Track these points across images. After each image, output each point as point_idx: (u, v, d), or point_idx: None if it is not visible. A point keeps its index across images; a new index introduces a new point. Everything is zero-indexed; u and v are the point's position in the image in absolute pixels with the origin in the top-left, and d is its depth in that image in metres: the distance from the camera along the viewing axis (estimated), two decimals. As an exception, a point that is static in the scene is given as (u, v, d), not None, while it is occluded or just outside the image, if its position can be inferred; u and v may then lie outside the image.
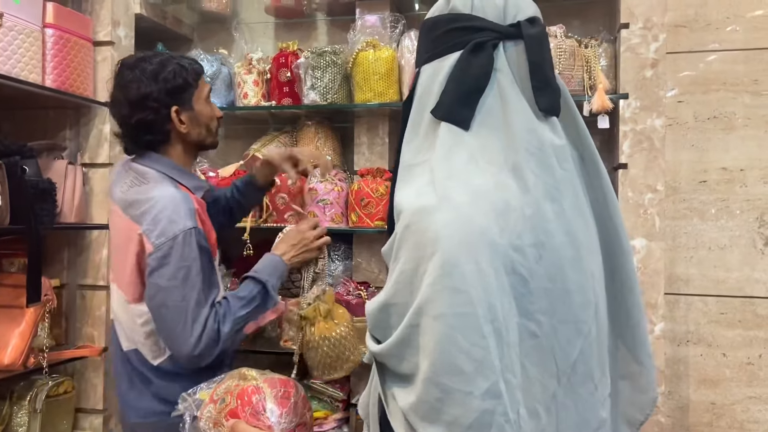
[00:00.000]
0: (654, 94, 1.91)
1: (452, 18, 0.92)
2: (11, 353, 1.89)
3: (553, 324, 0.85)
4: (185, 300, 1.41)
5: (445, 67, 0.91)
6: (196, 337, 1.41)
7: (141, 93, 1.48)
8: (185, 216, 1.43)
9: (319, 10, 2.56)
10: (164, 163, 1.55)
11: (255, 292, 1.53)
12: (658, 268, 1.90)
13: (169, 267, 1.41)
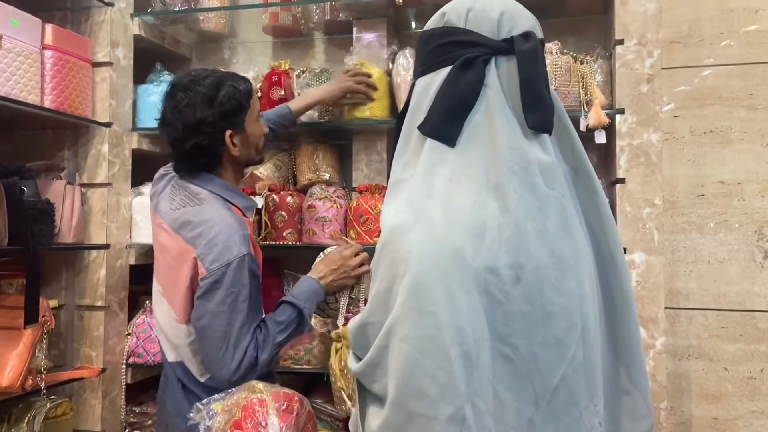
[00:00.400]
0: (650, 109, 1.92)
1: (446, 32, 0.92)
2: (9, 375, 1.88)
3: (532, 348, 0.82)
4: (230, 326, 1.44)
5: (436, 81, 0.90)
6: (237, 363, 1.44)
7: (196, 118, 1.49)
8: (239, 242, 1.46)
9: (317, 30, 2.59)
10: (216, 183, 1.57)
11: (293, 317, 1.55)
12: (657, 283, 1.90)
13: (219, 292, 1.44)
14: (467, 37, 0.89)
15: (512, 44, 0.88)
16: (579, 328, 0.85)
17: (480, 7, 0.91)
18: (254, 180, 2.33)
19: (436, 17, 0.95)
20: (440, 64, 0.90)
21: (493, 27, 0.90)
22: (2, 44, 1.84)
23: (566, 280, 0.85)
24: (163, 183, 1.66)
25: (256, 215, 2.19)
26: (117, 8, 2.25)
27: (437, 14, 0.95)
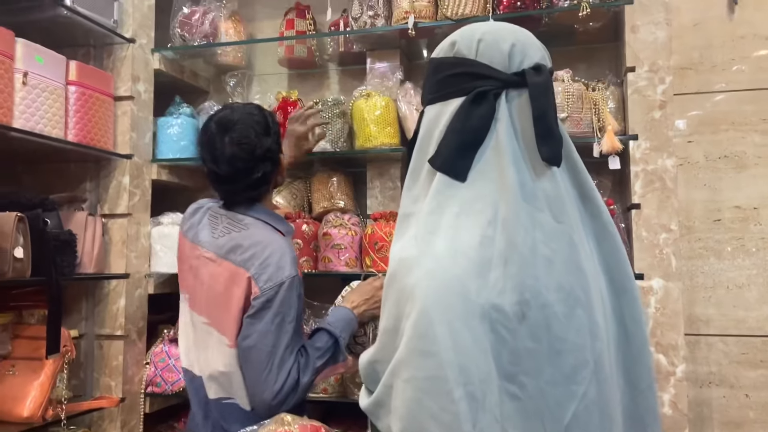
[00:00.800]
0: (663, 134, 1.93)
1: (456, 62, 0.90)
2: (30, 406, 1.90)
3: (540, 386, 0.79)
4: (275, 347, 1.46)
5: (446, 112, 0.89)
6: (280, 385, 1.45)
7: (264, 147, 1.55)
8: (290, 264, 1.50)
9: (331, 61, 2.64)
10: (258, 209, 1.61)
11: (330, 344, 1.57)
12: (677, 309, 1.88)
13: (270, 312, 1.46)
14: (478, 69, 0.88)
15: (523, 77, 0.87)
16: (591, 364, 0.82)
17: (491, 38, 0.89)
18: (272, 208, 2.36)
19: (446, 46, 0.93)
20: (451, 94, 0.89)
21: (504, 59, 0.88)
22: (28, 81, 1.90)
23: (575, 316, 0.82)
24: (198, 215, 1.67)
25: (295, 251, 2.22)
26: (138, 44, 2.32)
27: (447, 42, 0.93)
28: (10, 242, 1.78)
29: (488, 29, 0.91)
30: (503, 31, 0.91)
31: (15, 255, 1.79)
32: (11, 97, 1.85)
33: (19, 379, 1.94)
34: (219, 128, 1.57)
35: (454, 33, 0.93)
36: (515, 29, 0.93)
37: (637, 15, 1.98)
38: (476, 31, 0.90)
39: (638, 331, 0.93)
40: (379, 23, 2.25)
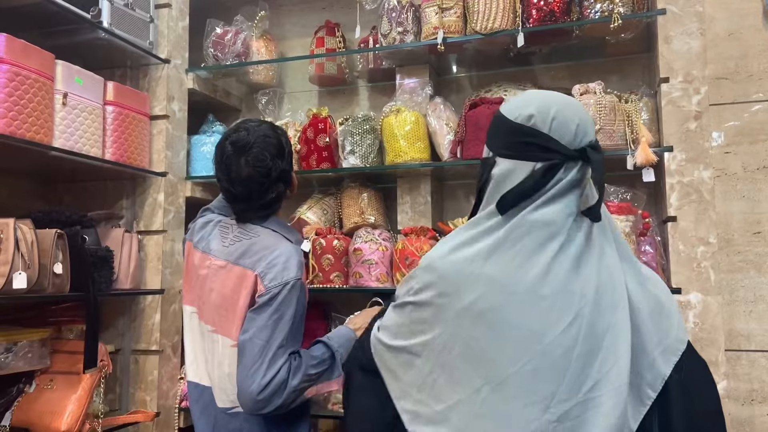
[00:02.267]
0: (699, 146, 1.90)
1: (533, 133, 1.06)
2: (68, 420, 1.93)
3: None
4: (269, 342, 1.48)
5: (520, 170, 1.06)
6: (268, 379, 1.46)
7: (280, 169, 1.61)
8: (297, 267, 1.55)
9: (361, 78, 2.67)
10: (271, 220, 1.67)
11: (326, 356, 1.58)
12: (716, 324, 1.83)
13: (270, 308, 1.50)
14: (551, 144, 1.04)
15: (585, 154, 1.04)
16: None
17: (562, 117, 1.05)
18: (301, 224, 2.38)
19: (523, 113, 1.07)
20: (525, 157, 1.06)
21: (571, 137, 1.05)
22: (67, 101, 1.96)
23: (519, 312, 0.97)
24: (209, 227, 1.72)
25: (304, 258, 2.23)
26: (173, 64, 2.38)
27: (524, 112, 1.07)
28: (49, 258, 1.83)
29: (560, 106, 1.07)
30: (571, 109, 1.08)
31: (54, 271, 1.84)
32: (51, 118, 1.90)
33: (57, 394, 1.98)
34: (235, 150, 1.61)
35: (530, 101, 1.09)
36: (579, 107, 1.10)
37: (670, 25, 1.95)
38: (551, 107, 1.06)
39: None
40: (408, 39, 2.27)
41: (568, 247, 1.00)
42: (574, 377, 0.94)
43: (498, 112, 1.13)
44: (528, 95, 1.12)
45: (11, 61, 1.75)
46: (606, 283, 0.99)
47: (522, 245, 1.00)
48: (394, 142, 2.23)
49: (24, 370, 1.96)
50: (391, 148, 2.24)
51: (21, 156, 1.94)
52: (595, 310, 0.97)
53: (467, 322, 0.98)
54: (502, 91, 2.25)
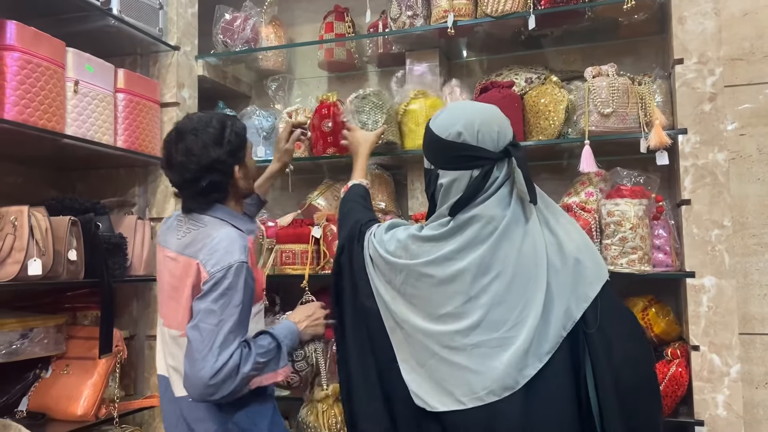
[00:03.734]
0: (714, 128, 1.88)
1: (464, 147, 1.29)
2: (84, 404, 1.96)
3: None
4: (218, 326, 1.44)
5: (461, 178, 1.30)
6: (221, 364, 1.42)
7: (211, 158, 1.56)
8: (239, 251, 1.51)
9: (370, 63, 2.65)
10: (219, 210, 1.63)
11: (272, 346, 1.56)
12: (730, 308, 1.82)
13: (215, 293, 1.46)
14: (481, 153, 1.29)
15: (509, 153, 1.30)
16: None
17: (486, 128, 1.30)
18: (312, 210, 2.38)
19: (453, 133, 1.30)
20: (462, 167, 1.30)
21: (495, 142, 1.30)
22: (78, 89, 1.96)
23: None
24: (170, 221, 1.72)
25: (315, 245, 2.24)
26: (183, 51, 2.37)
27: (453, 130, 1.30)
28: (64, 245, 1.84)
29: (482, 118, 1.31)
30: (491, 118, 1.32)
31: (69, 258, 1.86)
32: (63, 105, 1.91)
33: (73, 379, 2.00)
34: (175, 136, 1.60)
35: (456, 119, 1.32)
36: (497, 113, 1.34)
37: (684, 5, 1.93)
38: (475, 121, 1.30)
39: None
40: (418, 23, 2.25)
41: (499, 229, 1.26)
42: (494, 319, 1.22)
43: (429, 128, 1.36)
44: (453, 112, 1.35)
45: (22, 49, 1.75)
46: (528, 252, 1.25)
47: (464, 236, 1.27)
48: (422, 129, 2.17)
49: (40, 356, 1.99)
50: (419, 135, 2.18)
51: (34, 144, 1.95)
52: (515, 271, 1.23)
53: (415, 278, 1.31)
54: (513, 74, 2.23)
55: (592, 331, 1.23)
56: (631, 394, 1.22)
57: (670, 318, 2.01)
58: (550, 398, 1.21)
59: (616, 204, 1.91)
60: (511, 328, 1.22)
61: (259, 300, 1.67)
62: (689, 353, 1.87)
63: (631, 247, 1.88)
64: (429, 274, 1.29)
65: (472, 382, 1.23)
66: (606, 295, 1.27)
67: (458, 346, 1.25)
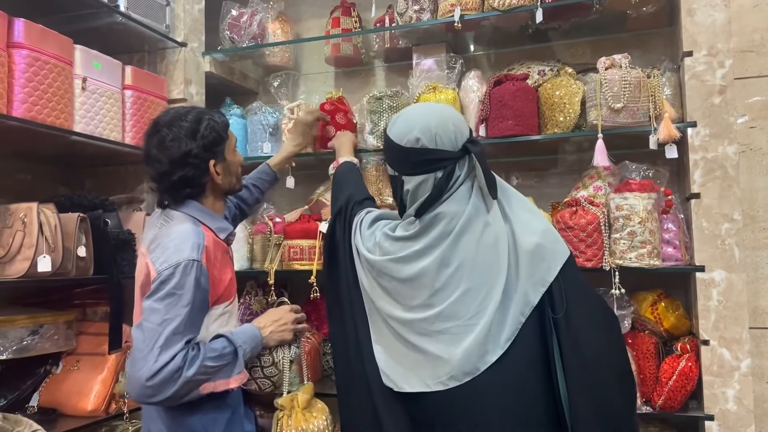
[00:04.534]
0: (724, 120, 1.86)
1: (423, 152, 1.33)
2: (94, 400, 1.97)
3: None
4: (162, 326, 1.39)
5: (425, 181, 1.35)
6: (160, 365, 1.37)
7: (182, 151, 1.53)
8: (191, 248, 1.46)
9: (377, 58, 2.65)
10: (192, 206, 1.59)
11: (227, 351, 1.50)
12: (740, 302, 1.81)
13: (161, 292, 1.42)
14: (441, 155, 1.33)
15: (468, 151, 1.34)
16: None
17: (443, 130, 1.33)
18: (320, 206, 2.38)
19: (411, 140, 1.34)
20: (424, 171, 1.35)
21: (453, 142, 1.34)
22: (86, 86, 1.97)
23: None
24: (153, 217, 1.69)
25: (322, 240, 2.23)
26: (190, 48, 2.38)
27: (411, 137, 1.34)
28: (73, 242, 1.85)
29: (438, 120, 1.35)
30: (446, 118, 1.36)
31: (78, 254, 1.87)
32: (71, 102, 1.92)
33: (84, 374, 2.01)
34: (151, 130, 1.58)
35: (412, 125, 1.36)
36: (451, 112, 1.40)
37: (693, -3, 1.91)
38: (430, 124, 1.34)
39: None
40: (425, 17, 2.24)
41: (460, 224, 1.31)
42: (457, 308, 1.28)
43: (388, 137, 1.40)
44: (408, 118, 1.38)
45: (30, 46, 1.76)
46: (488, 242, 1.30)
47: (430, 236, 1.33)
48: None
49: (50, 352, 2.00)
50: None
51: (42, 141, 1.96)
52: (476, 262, 1.29)
53: (387, 274, 1.38)
54: (525, 68, 2.21)
55: (558, 316, 1.26)
56: (599, 379, 1.24)
57: (680, 312, 2.00)
58: (512, 384, 1.25)
59: (624, 198, 1.90)
60: (473, 316, 1.27)
61: (227, 300, 1.60)
62: (699, 348, 1.86)
63: (640, 241, 1.87)
64: (398, 270, 1.36)
65: (437, 366, 1.28)
66: (570, 279, 1.29)
67: (426, 333, 1.31)
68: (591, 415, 1.22)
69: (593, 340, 1.26)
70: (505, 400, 1.24)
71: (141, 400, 1.42)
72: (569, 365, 1.24)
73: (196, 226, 1.54)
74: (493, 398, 1.24)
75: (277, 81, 2.52)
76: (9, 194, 2.06)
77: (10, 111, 1.71)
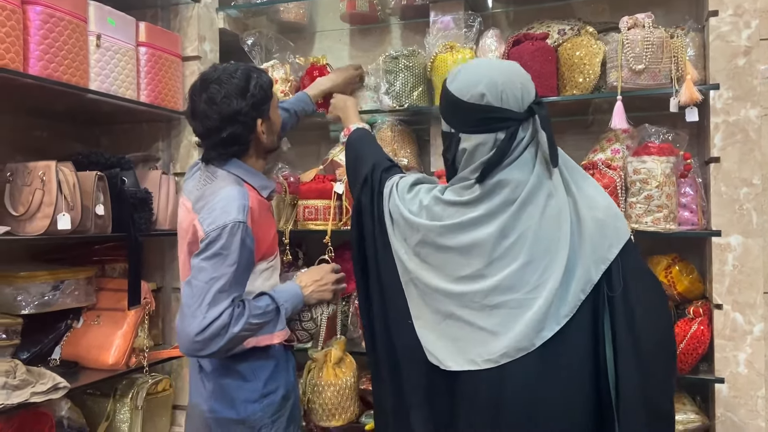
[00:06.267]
0: (748, 83, 1.82)
1: (488, 109, 1.25)
2: (115, 354, 2.02)
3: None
4: (209, 283, 1.44)
5: (485, 141, 1.27)
6: (209, 320, 1.42)
7: (233, 109, 1.54)
8: (237, 210, 1.49)
9: (393, 15, 2.59)
10: (235, 165, 1.62)
11: (270, 308, 1.57)
12: (756, 267, 1.81)
13: (209, 251, 1.46)
14: (505, 114, 1.25)
15: (533, 113, 1.26)
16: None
17: (509, 88, 1.25)
18: (334, 166, 2.38)
19: (476, 95, 1.26)
20: (486, 130, 1.27)
21: (519, 102, 1.26)
22: (101, 43, 1.96)
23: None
24: (194, 170, 1.72)
25: (337, 200, 2.24)
26: (203, 3, 2.34)
27: (475, 92, 1.26)
28: (91, 200, 1.87)
29: (505, 77, 1.27)
30: (514, 75, 1.28)
31: (96, 212, 1.89)
32: (87, 60, 1.91)
33: (104, 329, 2.07)
34: (200, 85, 1.59)
35: (478, 79, 1.27)
36: (519, 70, 1.31)
37: (721, -47, 1.85)
38: (497, 81, 1.26)
39: None
40: (443, -28, 2.18)
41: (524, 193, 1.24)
42: (515, 280, 1.22)
43: (448, 91, 1.31)
44: (472, 72, 1.30)
45: (44, 3, 1.74)
46: (551, 214, 1.24)
47: (492, 202, 1.25)
48: None
49: (71, 307, 2.05)
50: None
51: (58, 99, 1.96)
52: (538, 233, 1.23)
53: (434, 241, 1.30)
54: (545, 27, 2.16)
55: (614, 294, 1.22)
56: (650, 359, 1.23)
57: (694, 276, 2.00)
58: (564, 361, 1.21)
59: (642, 161, 1.88)
60: (532, 289, 1.22)
61: (270, 255, 1.65)
62: (711, 312, 1.87)
63: (656, 205, 1.86)
64: (450, 237, 1.27)
65: (489, 342, 1.23)
66: (629, 258, 1.26)
67: (477, 307, 1.24)
68: (638, 393, 1.21)
69: (648, 320, 1.24)
70: (557, 375, 1.21)
71: (190, 354, 1.49)
72: (621, 343, 1.21)
73: (241, 186, 1.57)
74: (544, 374, 1.21)
75: (251, 39, 2.43)
76: (25, 151, 2.07)
77: (26, 69, 1.71)
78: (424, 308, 1.33)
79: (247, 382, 1.59)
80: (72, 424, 1.99)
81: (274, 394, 1.62)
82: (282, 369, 1.66)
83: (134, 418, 2.11)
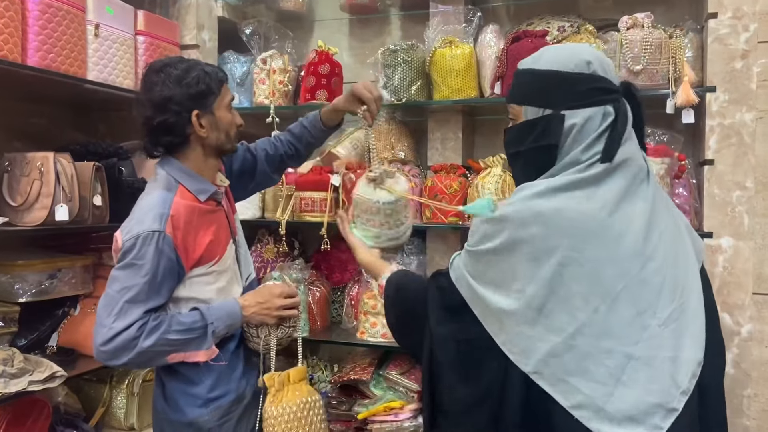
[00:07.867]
0: (744, 86, 1.83)
1: (594, 78, 1.13)
2: (111, 341, 2.04)
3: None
4: (120, 293, 1.43)
5: (593, 117, 1.12)
6: (115, 332, 1.40)
7: (164, 96, 1.51)
8: (152, 219, 1.47)
9: (393, 6, 2.58)
10: (175, 166, 1.58)
11: (197, 326, 1.51)
12: (746, 269, 1.83)
13: (123, 261, 1.45)
14: (611, 85, 1.14)
15: (629, 88, 1.17)
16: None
17: (608, 61, 1.17)
18: (332, 158, 2.38)
19: (581, 64, 1.13)
20: (594, 103, 1.12)
21: (615, 76, 1.17)
22: (99, 32, 1.95)
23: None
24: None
25: (333, 193, 2.25)
26: (202, -9, 2.33)
27: (580, 60, 1.13)
28: (89, 191, 1.88)
29: (599, 53, 1.18)
30: (605, 56, 1.20)
31: (94, 203, 1.89)
32: (84, 50, 1.90)
33: (101, 317, 2.08)
34: (144, 74, 1.58)
35: (578, 50, 1.18)
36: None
37: (722, -44, 1.84)
38: (596, 52, 1.18)
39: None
40: (444, -38, 2.17)
41: (651, 177, 1.15)
42: (670, 286, 1.08)
43: (537, 69, 1.17)
44: (562, 48, 1.22)
45: (43, -8, 1.74)
46: (670, 205, 1.19)
47: (625, 179, 1.11)
48: (450, 79, 2.14)
49: (68, 295, 2.06)
50: (447, 85, 2.16)
51: (57, 88, 1.96)
52: (671, 231, 1.13)
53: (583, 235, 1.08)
54: (545, 23, 2.15)
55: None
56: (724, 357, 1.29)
57: (685, 276, 2.02)
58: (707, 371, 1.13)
59: (638, 162, 1.89)
60: (681, 293, 1.10)
61: (209, 261, 1.57)
62: (701, 312, 1.90)
63: (650, 205, 1.87)
64: (601, 224, 1.07)
65: (670, 374, 1.06)
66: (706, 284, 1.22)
67: (648, 336, 1.05)
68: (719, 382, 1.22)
69: (718, 323, 1.24)
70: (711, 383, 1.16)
71: (101, 362, 1.47)
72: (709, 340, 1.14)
73: (169, 192, 1.53)
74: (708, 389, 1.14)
75: (249, 28, 2.42)
76: (23, 138, 2.07)
77: (25, 59, 1.71)
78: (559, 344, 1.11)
79: (192, 386, 1.56)
80: (68, 410, 2.02)
81: (223, 398, 1.58)
82: (233, 371, 1.61)
83: (130, 405, 2.14)
